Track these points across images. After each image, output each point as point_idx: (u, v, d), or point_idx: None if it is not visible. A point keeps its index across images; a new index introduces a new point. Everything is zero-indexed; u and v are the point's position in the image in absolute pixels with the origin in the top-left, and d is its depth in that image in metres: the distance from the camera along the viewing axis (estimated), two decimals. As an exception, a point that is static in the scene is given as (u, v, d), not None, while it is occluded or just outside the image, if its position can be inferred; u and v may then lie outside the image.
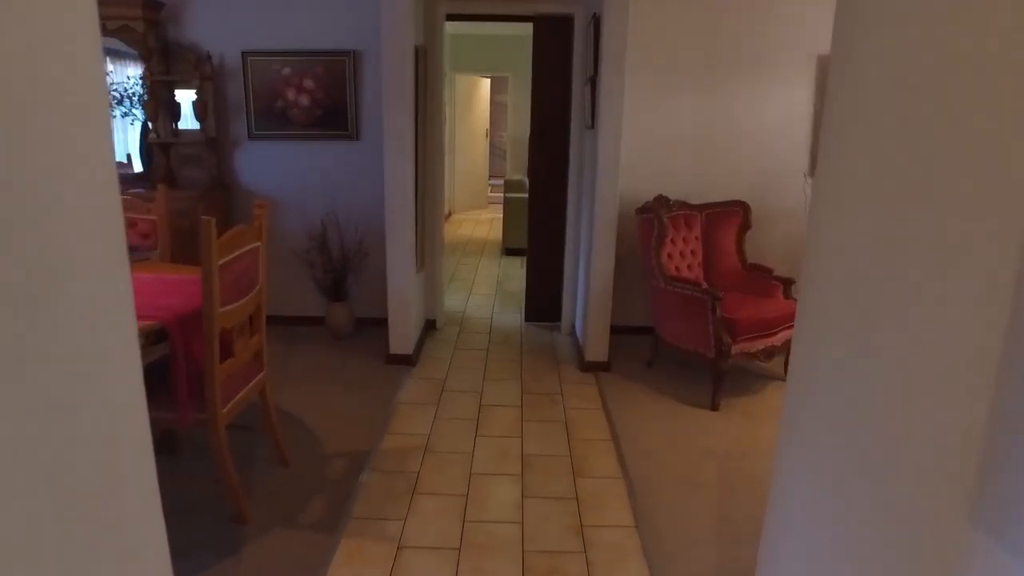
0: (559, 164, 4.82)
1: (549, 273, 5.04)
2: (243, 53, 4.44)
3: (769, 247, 4.83)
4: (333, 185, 4.69)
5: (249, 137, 4.61)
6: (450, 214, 10.66)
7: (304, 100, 4.55)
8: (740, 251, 4.37)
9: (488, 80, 11.56)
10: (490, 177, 14.75)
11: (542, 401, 3.81)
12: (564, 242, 4.89)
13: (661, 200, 4.30)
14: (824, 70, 4.53)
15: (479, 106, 11.20)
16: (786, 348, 4.03)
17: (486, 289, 6.24)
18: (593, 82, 4.05)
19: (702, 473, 3.07)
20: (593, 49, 4.07)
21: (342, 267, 4.65)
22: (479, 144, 11.26)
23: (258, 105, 4.56)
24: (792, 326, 4.14)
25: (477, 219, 10.50)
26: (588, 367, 4.25)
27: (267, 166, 4.67)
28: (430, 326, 4.97)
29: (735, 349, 3.70)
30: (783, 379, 4.17)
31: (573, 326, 4.94)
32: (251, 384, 2.75)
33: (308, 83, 4.51)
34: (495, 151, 15.01)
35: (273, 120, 4.59)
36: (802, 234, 4.76)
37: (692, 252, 4.36)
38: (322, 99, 4.55)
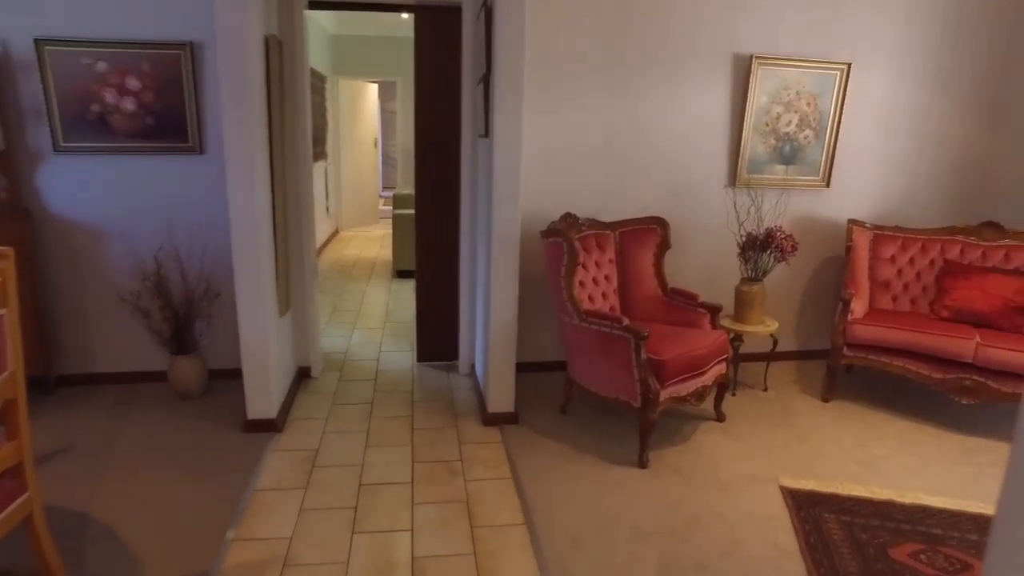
0: (450, 178, 4.14)
1: (443, 304, 4.34)
2: (36, 41, 3.45)
3: (690, 268, 4.37)
4: (171, 210, 3.77)
5: (55, 150, 3.62)
6: (336, 232, 9.73)
7: (129, 104, 3.62)
8: (659, 274, 3.86)
9: (376, 86, 10.72)
10: (384, 189, 13.90)
11: (438, 472, 3.11)
12: (459, 268, 4.21)
13: (569, 219, 3.72)
14: (741, 70, 4.11)
15: (367, 114, 10.35)
16: (718, 385, 3.54)
17: (374, 321, 5.45)
18: (486, 82, 3.41)
19: (640, 566, 2.47)
20: (485, 44, 3.43)
21: (186, 313, 3.74)
22: (368, 155, 10.39)
23: (66, 110, 3.58)
24: (724, 359, 3.72)
25: (367, 236, 9.64)
26: (492, 420, 3.59)
27: (82, 187, 3.69)
28: (303, 375, 4.15)
29: (663, 395, 3.15)
30: (715, 420, 3.68)
31: (473, 366, 4.27)
32: (4, 513, 1.88)
33: (132, 82, 3.59)
34: (389, 162, 14.17)
35: (88, 129, 3.63)
36: (725, 252, 4.32)
37: (606, 277, 3.80)
38: (152, 103, 3.64)
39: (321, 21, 8.30)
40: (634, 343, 3.07)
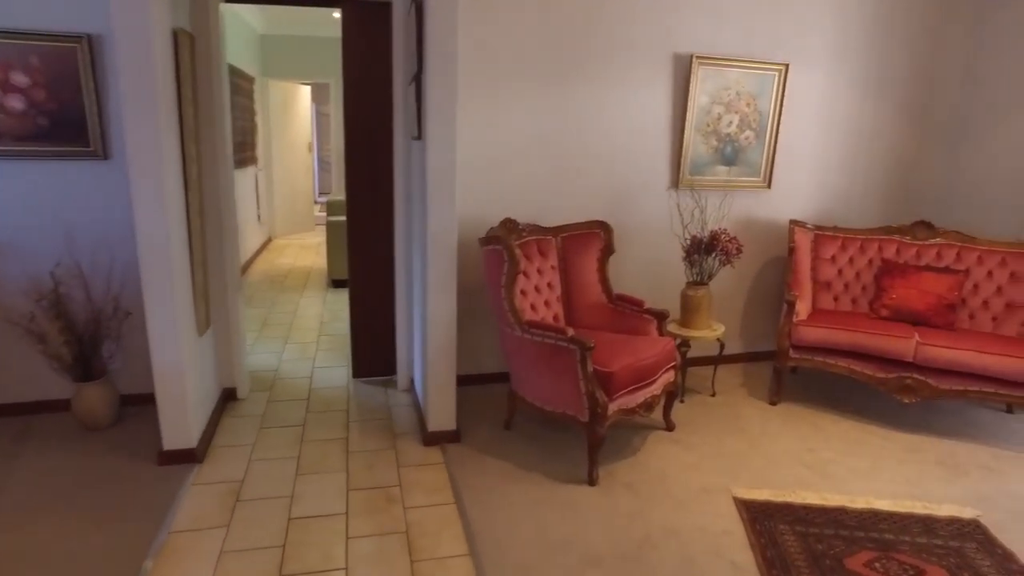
0: (383, 183, 3.91)
1: (379, 316, 4.11)
2: (-100, 33, 3.06)
3: (636, 273, 4.27)
4: (71, 222, 3.41)
5: (-69, 156, 3.22)
6: (269, 240, 9.31)
7: (16, 102, 3.25)
8: (604, 280, 3.73)
9: (308, 88, 10.32)
10: (321, 194, 13.45)
11: (375, 501, 2.88)
12: (395, 277, 3.98)
13: (509, 225, 3.55)
14: (681, 70, 4.04)
15: (300, 116, 9.95)
16: (666, 393, 3.43)
17: (307, 335, 5.15)
18: (418, 81, 3.20)
19: (591, 594, 2.32)
20: (416, 42, 3.23)
21: (92, 335, 3.39)
22: (302, 159, 9.99)
23: (-58, 111, 3.19)
24: (673, 367, 3.62)
25: (303, 244, 9.25)
26: (433, 439, 3.38)
27: (-34, 197, 3.30)
28: (228, 397, 3.84)
29: (612, 408, 3.01)
30: (665, 429, 3.58)
31: (412, 381, 4.05)
32: None
33: (19, 78, 3.23)
34: (325, 167, 13.72)
35: (-30, 132, 3.25)
36: (670, 255, 4.24)
37: (549, 285, 3.65)
38: (44, 101, 3.28)
39: (248, 19, 7.91)
40: (580, 355, 2.92)
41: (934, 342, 3.56)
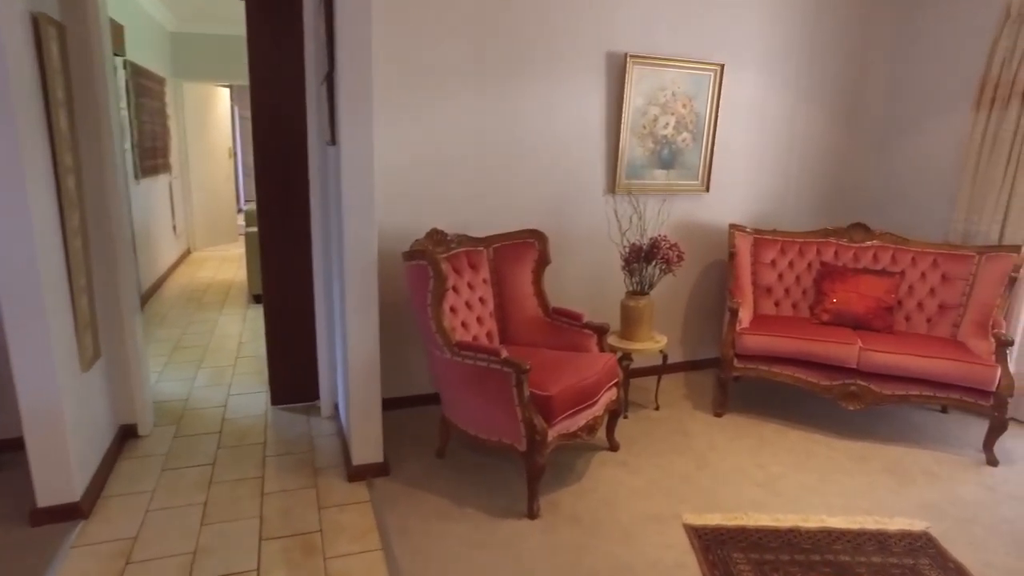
0: (298, 191, 3.58)
1: (298, 336, 3.76)
2: None
3: (574, 284, 4.07)
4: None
5: None
6: (187, 253, 8.72)
7: None
8: (540, 293, 3.50)
9: (227, 90, 9.75)
10: (246, 202, 12.79)
11: (292, 551, 2.55)
12: (314, 293, 3.65)
13: (436, 237, 3.28)
14: (616, 70, 3.86)
15: (219, 121, 9.37)
16: (609, 412, 3.23)
17: (224, 357, 4.73)
18: (330, 80, 2.90)
19: (534, 652, 2.07)
20: (327, 37, 2.92)
21: (-48, 370, 2.93)
22: (222, 166, 9.41)
23: None
24: (615, 384, 3.42)
25: (224, 256, 8.70)
26: (358, 473, 3.07)
27: None
28: (127, 435, 3.42)
29: (552, 434, 2.78)
30: (609, 449, 3.38)
31: (336, 407, 3.72)
32: None
33: None
34: (249, 173, 13.06)
35: None
36: (610, 264, 4.05)
37: (481, 300, 3.40)
38: None
39: (154, 15, 7.34)
40: (515, 378, 2.67)
41: (876, 347, 3.49)
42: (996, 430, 3.37)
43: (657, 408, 3.92)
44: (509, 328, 3.45)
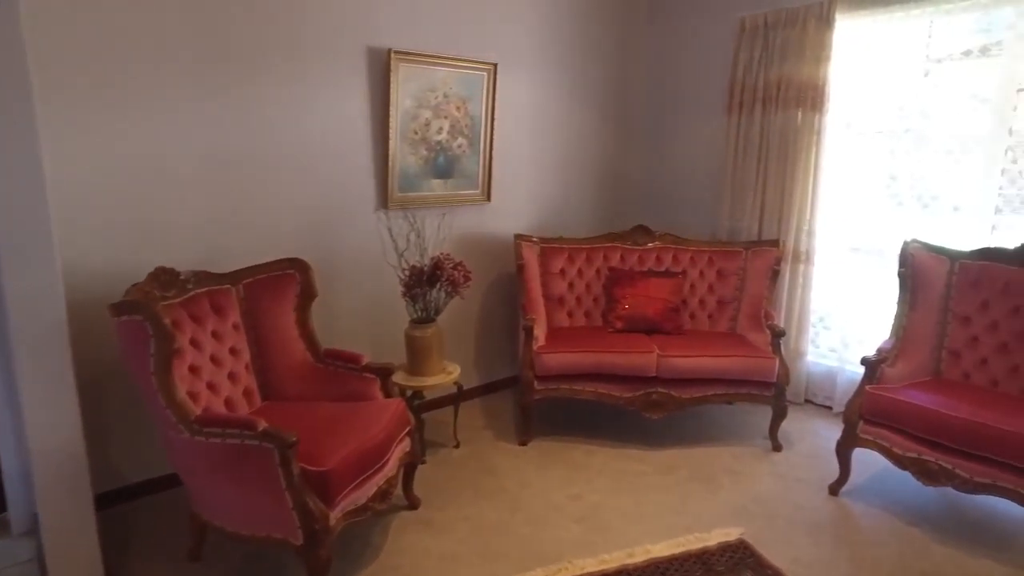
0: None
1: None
2: None
3: (351, 318, 3.50)
4: None
5: None
6: None
7: None
8: (307, 334, 2.87)
9: None
10: None
11: None
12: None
13: (163, 278, 2.51)
14: (379, 67, 3.37)
15: None
16: (404, 466, 2.72)
17: None
18: None
19: None
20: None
21: None
22: None
23: None
24: (408, 433, 2.88)
25: None
26: (66, 616, 2.20)
27: None
28: None
29: (335, 516, 2.20)
30: (409, 508, 2.87)
31: (35, 518, 2.73)
32: None
33: None
34: None
35: None
36: (390, 291, 3.52)
37: (232, 352, 2.68)
38: None
39: None
40: (279, 455, 2.05)
41: (672, 352, 3.42)
42: (779, 417, 3.47)
43: (457, 446, 3.50)
44: (271, 382, 2.78)
